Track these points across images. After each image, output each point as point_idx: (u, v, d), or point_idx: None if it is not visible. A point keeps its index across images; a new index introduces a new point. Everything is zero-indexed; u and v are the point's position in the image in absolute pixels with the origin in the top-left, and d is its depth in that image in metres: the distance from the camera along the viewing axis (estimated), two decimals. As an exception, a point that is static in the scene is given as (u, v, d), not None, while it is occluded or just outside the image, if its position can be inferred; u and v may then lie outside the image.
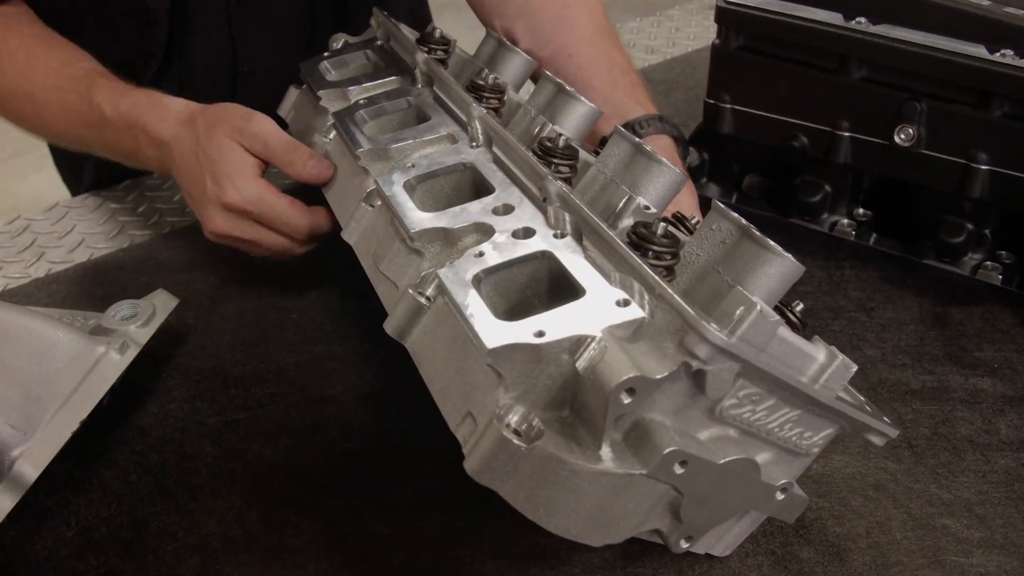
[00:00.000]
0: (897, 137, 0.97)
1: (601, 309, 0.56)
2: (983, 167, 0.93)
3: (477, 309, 0.57)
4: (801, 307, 0.63)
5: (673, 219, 0.72)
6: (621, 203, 0.68)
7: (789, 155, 1.05)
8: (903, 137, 0.97)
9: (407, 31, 1.03)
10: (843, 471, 0.78)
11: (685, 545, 0.64)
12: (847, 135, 1.01)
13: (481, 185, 0.74)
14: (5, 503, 0.70)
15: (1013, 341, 0.92)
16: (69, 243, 1.13)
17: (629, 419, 0.55)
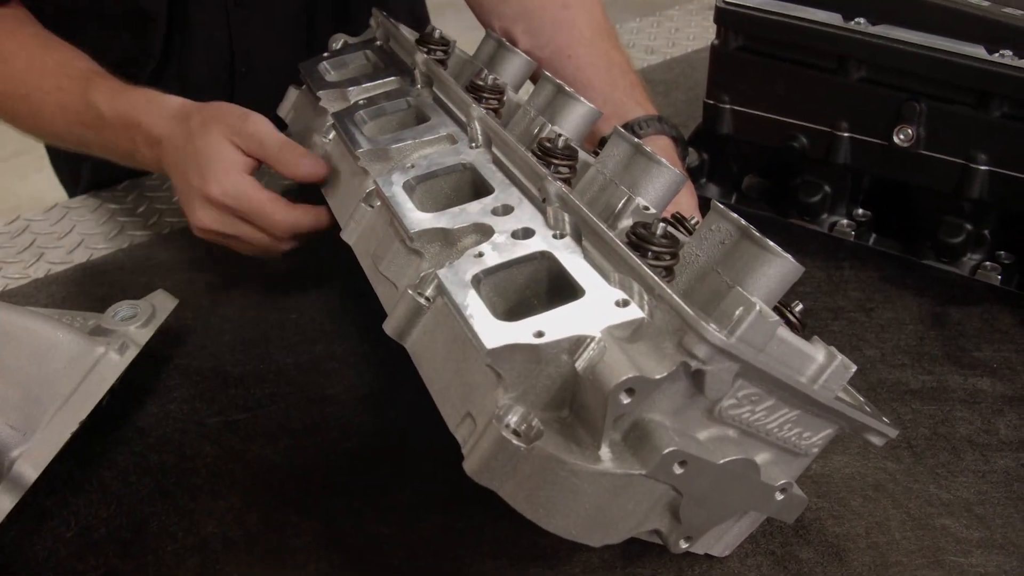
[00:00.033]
0: (896, 137, 0.97)
1: (600, 309, 0.56)
2: (982, 167, 0.93)
3: (476, 309, 0.57)
4: (800, 307, 0.63)
5: (672, 219, 0.72)
6: (620, 203, 0.68)
7: (788, 155, 1.05)
8: (902, 137, 0.97)
9: (406, 31, 1.03)
10: (842, 471, 0.78)
11: (684, 545, 0.64)
12: (846, 135, 1.01)
13: (480, 186, 0.74)
14: (5, 504, 0.70)
15: (1012, 341, 0.92)
16: (68, 244, 1.13)
17: (628, 419, 0.55)
